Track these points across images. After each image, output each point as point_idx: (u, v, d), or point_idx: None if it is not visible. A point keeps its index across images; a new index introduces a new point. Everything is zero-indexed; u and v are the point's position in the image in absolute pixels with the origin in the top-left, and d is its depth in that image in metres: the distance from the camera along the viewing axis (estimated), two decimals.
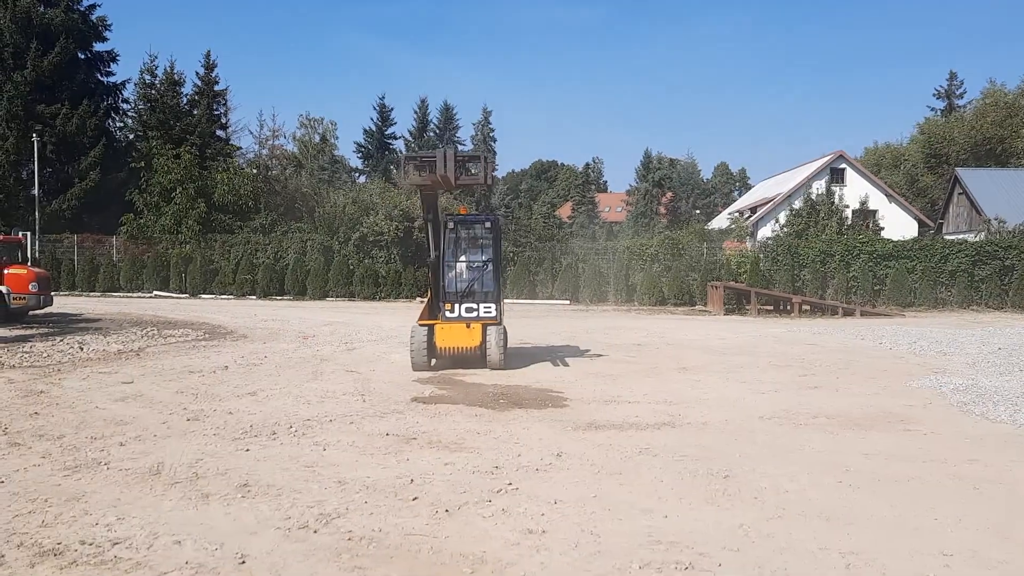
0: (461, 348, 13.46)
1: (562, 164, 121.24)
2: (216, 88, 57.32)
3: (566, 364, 14.19)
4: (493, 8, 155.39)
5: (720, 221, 61.36)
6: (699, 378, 12.59)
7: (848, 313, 27.00)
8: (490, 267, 13.76)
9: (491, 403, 10.32)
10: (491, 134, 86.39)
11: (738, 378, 12.60)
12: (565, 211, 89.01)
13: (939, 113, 70.43)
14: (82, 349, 16.18)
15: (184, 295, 34.52)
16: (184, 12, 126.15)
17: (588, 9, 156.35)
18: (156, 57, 49.96)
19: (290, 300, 33.31)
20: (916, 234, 43.81)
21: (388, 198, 33.70)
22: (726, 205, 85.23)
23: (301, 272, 33.89)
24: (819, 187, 52.67)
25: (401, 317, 25.24)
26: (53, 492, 6.28)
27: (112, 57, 45.51)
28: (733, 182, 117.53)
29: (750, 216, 55.19)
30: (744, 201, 70.08)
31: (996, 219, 33.15)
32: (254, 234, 35.70)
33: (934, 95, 73.00)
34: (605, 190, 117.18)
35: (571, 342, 17.85)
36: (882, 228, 46.92)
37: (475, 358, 13.66)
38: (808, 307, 28.03)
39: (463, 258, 13.97)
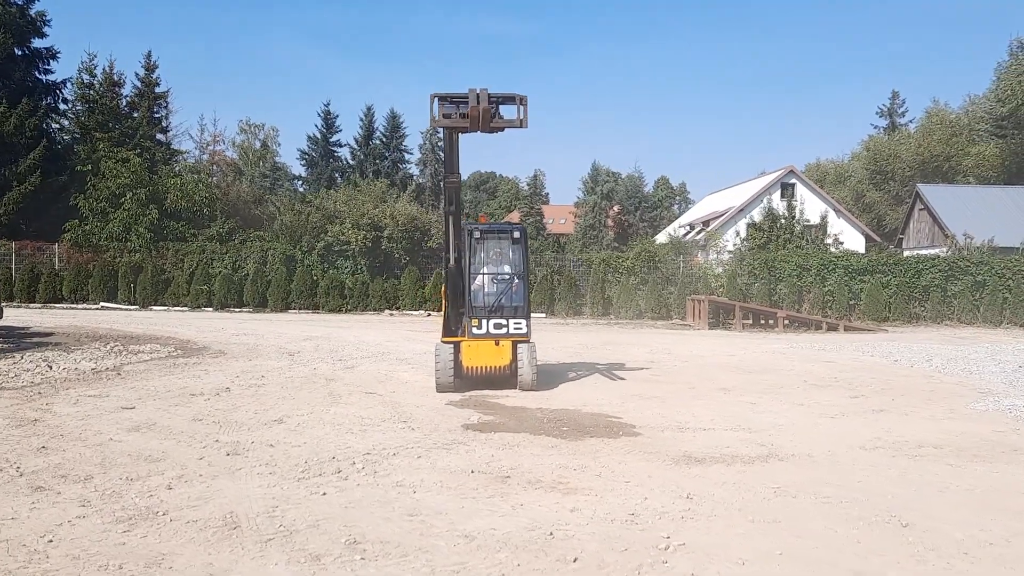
0: (490, 368, 12.42)
1: (500, 176, 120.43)
2: (157, 90, 55.27)
3: (596, 384, 13.30)
4: (430, 19, 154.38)
5: (667, 234, 61.39)
6: (751, 400, 11.80)
7: (832, 328, 26.72)
8: (519, 280, 12.77)
9: (553, 431, 9.34)
10: (439, 144, 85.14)
11: (791, 400, 11.86)
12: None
13: (882, 131, 71.91)
14: (51, 368, 14.67)
15: (133, 307, 32.55)
16: (122, 8, 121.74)
17: (522, 23, 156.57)
18: (95, 56, 47.23)
19: (250, 312, 31.67)
20: (864, 249, 44.20)
21: (355, 206, 32.33)
22: (670, 219, 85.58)
23: (261, 283, 32.26)
24: (773, 201, 53.22)
25: (379, 331, 24.06)
26: (121, 554, 5.10)
27: (52, 54, 43.08)
28: (674, 196, 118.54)
29: (703, 229, 55.24)
30: (693, 214, 70.26)
31: (964, 235, 33.44)
32: (210, 242, 33.91)
33: (877, 113, 74.80)
34: (547, 202, 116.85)
35: (578, 359, 16.97)
36: (842, 243, 47.40)
37: (502, 378, 12.63)
38: (788, 321, 27.66)
39: (489, 269, 12.95)
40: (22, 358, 15.82)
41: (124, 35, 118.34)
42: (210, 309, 32.28)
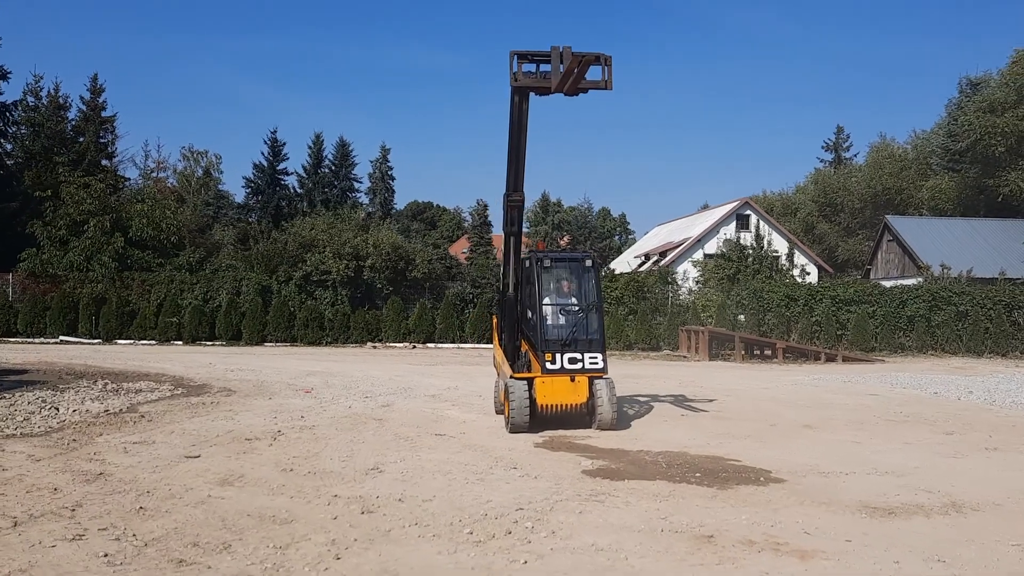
0: (565, 406, 11.54)
1: (437, 205, 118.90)
2: (104, 114, 53.05)
3: (666, 422, 12.57)
4: (369, 51, 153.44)
5: (620, 264, 61.37)
6: (849, 438, 11.21)
7: (830, 359, 26.55)
8: (594, 311, 11.97)
9: (685, 477, 8.55)
10: (389, 172, 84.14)
11: (888, 437, 11.33)
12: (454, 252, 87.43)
13: (829, 165, 73.48)
14: (58, 410, 13.29)
15: (96, 340, 30.60)
16: (69, 31, 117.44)
17: (452, 55, 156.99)
18: (41, 78, 45.13)
19: (223, 345, 30.07)
20: (817, 279, 44.64)
21: (335, 234, 31.11)
22: (615, 249, 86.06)
23: (235, 315, 30.67)
24: (728, 232, 53.66)
25: (376, 365, 22.95)
26: None
27: (3, 74, 40.73)
28: (615, 227, 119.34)
29: (659, 260, 55.33)
30: (645, 245, 70.51)
31: (942, 266, 33.89)
32: (179, 272, 32.18)
33: (823, 147, 76.38)
34: (489, 232, 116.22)
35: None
36: (808, 273, 47.87)
37: (576, 416, 11.78)
38: (786, 352, 27.39)
39: (560, 300, 12.13)
40: (16, 399, 14.35)
41: (64, 57, 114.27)
42: (179, 342, 30.55)
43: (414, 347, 29.96)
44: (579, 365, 11.59)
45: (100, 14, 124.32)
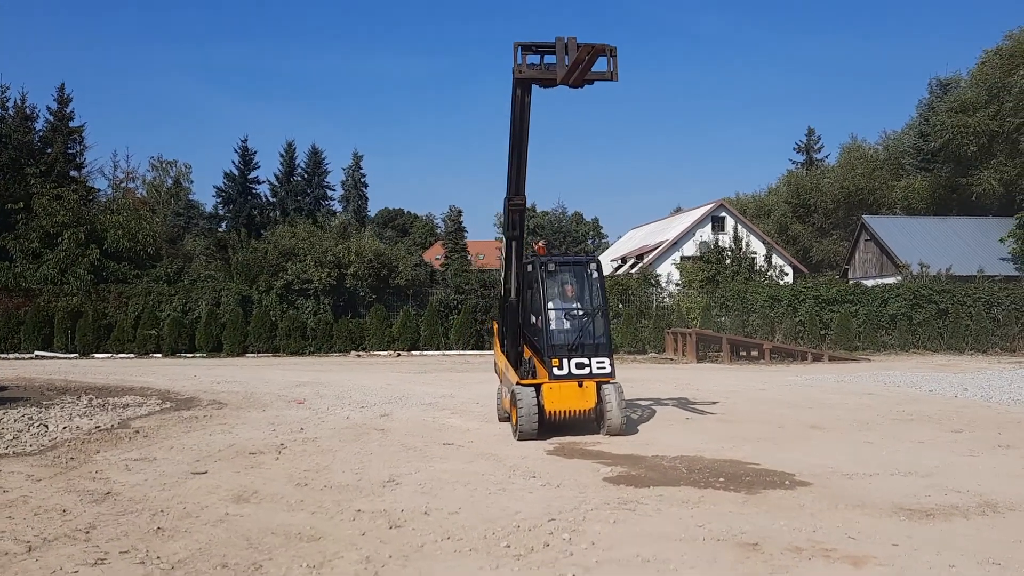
0: (574, 412, 11.34)
1: (408, 212, 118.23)
2: (72, 124, 52.08)
3: (673, 426, 12.43)
4: (333, 60, 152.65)
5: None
6: (861, 439, 11.13)
7: (816, 359, 26.61)
8: (600, 315, 11.80)
9: (709, 482, 8.39)
10: (362, 179, 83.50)
11: (900, 437, 11.26)
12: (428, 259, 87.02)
13: (801, 166, 74.04)
14: (47, 427, 12.90)
15: (72, 355, 29.92)
16: (34, 41, 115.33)
17: (427, 59, 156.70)
18: (8, 88, 44.21)
19: (204, 357, 29.53)
20: (792, 280, 44.89)
21: (316, 242, 30.69)
22: (591, 253, 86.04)
23: (215, 326, 30.14)
24: (705, 234, 53.87)
25: (365, 374, 22.62)
26: None
27: None
28: (588, 231, 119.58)
29: (637, 263, 55.40)
30: (621, 249, 70.61)
31: (920, 264, 34.17)
32: (156, 284, 31.58)
33: (794, 149, 76.87)
34: (464, 239, 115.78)
35: None
36: (787, 274, 48.13)
37: (583, 422, 11.59)
38: (772, 353, 27.41)
39: (565, 304, 11.94)
40: (0, 417, 13.90)
41: (29, 67, 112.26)
42: (159, 355, 29.97)
43: (399, 355, 29.63)
44: (586, 370, 11.39)
45: (65, 24, 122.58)
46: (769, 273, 42.47)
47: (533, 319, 12.02)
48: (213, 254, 36.19)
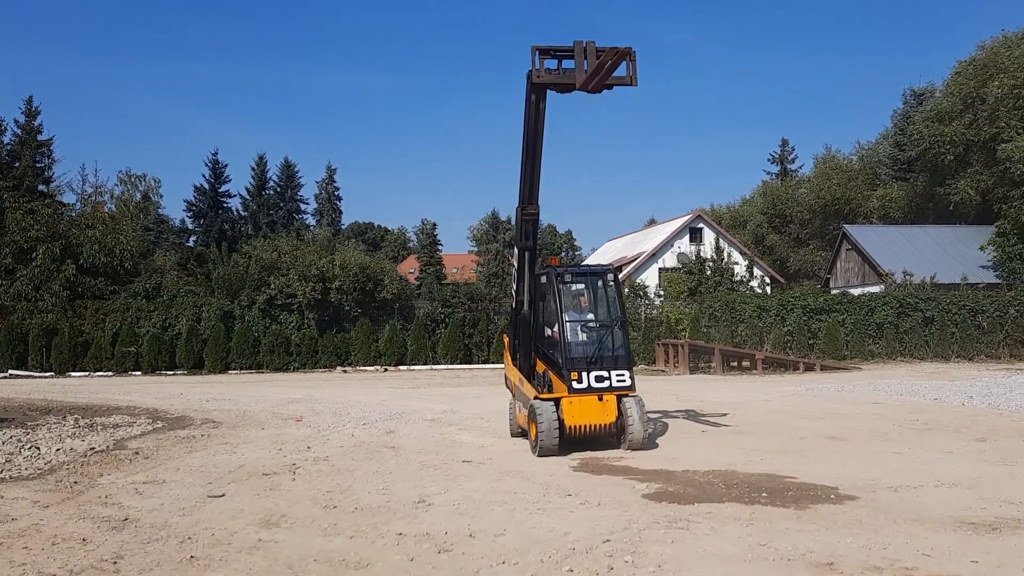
0: (595, 426, 11.02)
1: (379, 226, 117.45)
2: (40, 138, 51.02)
3: (692, 439, 12.19)
4: (304, 76, 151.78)
5: None
6: (888, 449, 10.93)
7: (808, 368, 26.56)
8: (619, 327, 11.51)
9: (753, 498, 8.11)
10: (336, 192, 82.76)
11: (926, 447, 11.09)
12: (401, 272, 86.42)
13: (775, 177, 74.52)
14: (39, 449, 12.35)
15: (48, 373, 29.10)
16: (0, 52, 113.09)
17: (394, 76, 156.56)
18: None
19: (184, 374, 28.83)
20: (769, 290, 45.01)
21: (301, 256, 30.14)
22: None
23: (196, 342, 29.46)
24: (683, 245, 53.92)
25: (356, 389, 22.19)
26: None
27: None
28: (562, 244, 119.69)
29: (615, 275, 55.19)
30: (599, 260, 70.57)
31: (904, 273, 34.33)
32: (135, 299, 30.82)
33: (769, 160, 77.34)
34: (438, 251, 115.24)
35: None
36: (768, 283, 48.29)
37: (603, 436, 11.28)
38: (764, 363, 27.33)
39: (582, 316, 11.64)
40: None
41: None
42: (138, 373, 29.22)
43: (386, 370, 29.14)
44: (606, 383, 11.10)
45: (31, 38, 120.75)
46: (751, 283, 42.60)
47: (548, 331, 11.72)
48: (193, 269, 35.42)
